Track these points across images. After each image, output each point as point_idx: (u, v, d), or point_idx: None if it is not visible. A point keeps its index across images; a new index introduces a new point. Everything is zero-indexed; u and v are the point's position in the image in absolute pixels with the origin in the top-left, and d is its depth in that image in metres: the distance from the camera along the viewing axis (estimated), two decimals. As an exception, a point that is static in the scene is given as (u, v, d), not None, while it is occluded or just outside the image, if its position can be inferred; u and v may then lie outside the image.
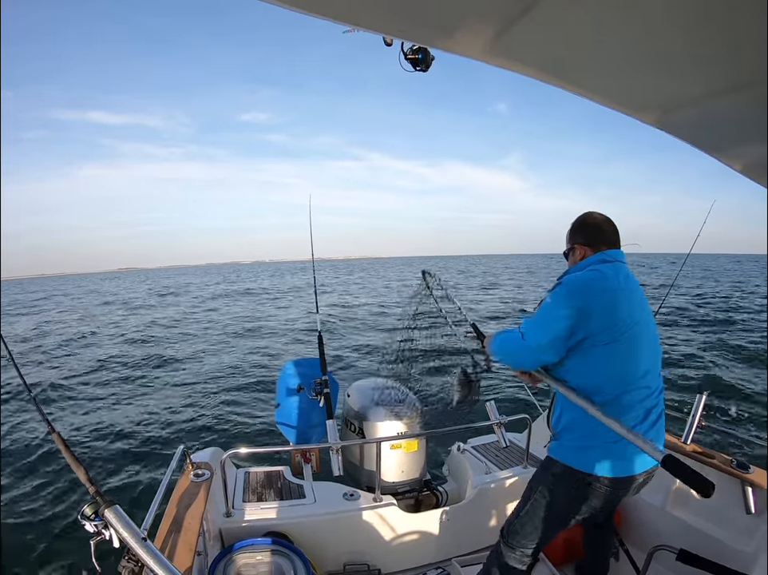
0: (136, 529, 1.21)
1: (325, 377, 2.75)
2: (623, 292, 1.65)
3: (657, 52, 0.70)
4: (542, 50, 0.74)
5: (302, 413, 2.98)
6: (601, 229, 1.82)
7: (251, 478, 2.56)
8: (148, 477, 4.74)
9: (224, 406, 6.98)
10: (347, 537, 2.34)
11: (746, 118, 0.82)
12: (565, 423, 1.75)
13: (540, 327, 1.68)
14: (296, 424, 2.98)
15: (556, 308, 1.64)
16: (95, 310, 23.27)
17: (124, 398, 7.48)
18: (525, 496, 1.90)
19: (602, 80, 0.82)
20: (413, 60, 1.74)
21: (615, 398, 1.62)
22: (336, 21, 0.65)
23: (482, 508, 2.60)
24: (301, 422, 2.98)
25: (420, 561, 2.50)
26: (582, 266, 1.76)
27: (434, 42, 0.74)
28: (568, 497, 1.74)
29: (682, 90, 0.79)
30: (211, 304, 24.28)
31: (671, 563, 1.83)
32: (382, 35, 1.01)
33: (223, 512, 2.21)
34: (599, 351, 1.61)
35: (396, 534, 2.41)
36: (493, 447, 3.03)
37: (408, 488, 2.68)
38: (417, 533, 2.45)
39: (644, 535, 2.42)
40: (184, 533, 1.60)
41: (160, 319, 18.48)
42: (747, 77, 0.70)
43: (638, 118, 0.92)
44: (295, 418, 2.99)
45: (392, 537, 2.40)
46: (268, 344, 12.33)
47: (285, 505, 2.33)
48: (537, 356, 1.70)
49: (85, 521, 1.22)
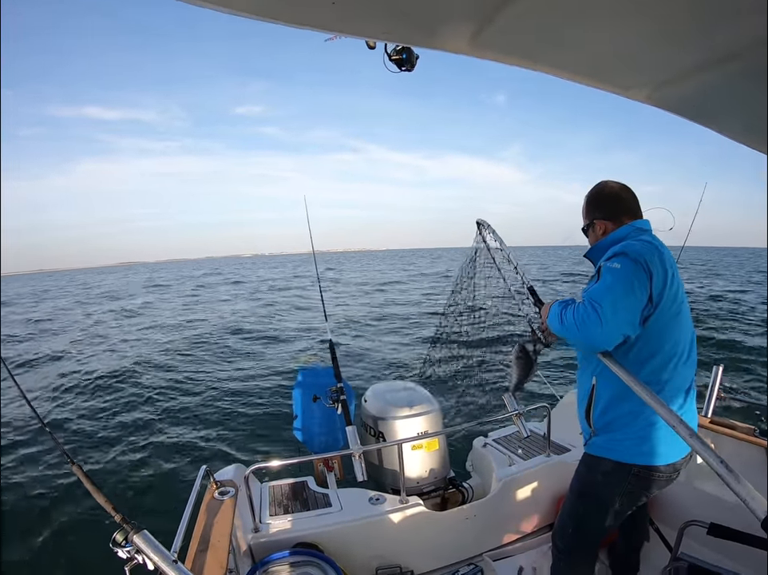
0: (166, 553, 1.21)
1: (340, 384, 2.75)
2: (674, 264, 1.59)
3: (643, 29, 0.70)
4: (526, 39, 0.73)
5: (321, 422, 2.99)
6: (620, 198, 1.72)
7: (276, 491, 2.57)
8: (172, 499, 4.73)
9: (242, 422, 6.98)
10: (377, 542, 2.34)
11: (740, 86, 0.81)
12: (613, 417, 1.66)
13: (619, 297, 1.46)
14: (315, 433, 2.99)
15: (630, 274, 1.47)
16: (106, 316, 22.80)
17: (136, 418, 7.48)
18: (572, 501, 1.84)
19: (589, 62, 0.82)
20: (397, 60, 1.74)
21: (672, 377, 1.58)
22: (316, 29, 0.64)
23: (509, 500, 2.59)
24: (320, 431, 2.99)
25: (451, 558, 2.49)
26: (618, 238, 1.65)
27: (418, 41, 0.74)
28: (623, 492, 1.67)
29: (672, 65, 0.79)
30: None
31: (702, 537, 1.82)
32: (365, 39, 1.01)
33: (251, 527, 2.21)
34: (661, 325, 1.54)
35: (425, 534, 2.40)
36: (515, 438, 3.03)
37: (433, 487, 2.67)
38: (445, 531, 2.45)
39: (674, 512, 2.40)
40: (214, 552, 1.61)
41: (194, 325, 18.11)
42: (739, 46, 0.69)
43: (628, 96, 0.92)
44: (314, 427, 3.00)
45: (421, 538, 2.39)
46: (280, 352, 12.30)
47: (312, 516, 2.33)
48: (618, 328, 1.47)
49: (117, 548, 1.22)
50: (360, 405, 2.89)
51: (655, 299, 1.50)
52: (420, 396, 2.78)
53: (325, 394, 2.76)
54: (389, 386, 2.97)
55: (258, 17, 0.60)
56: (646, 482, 1.64)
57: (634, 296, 1.47)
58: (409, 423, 2.61)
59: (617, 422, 1.65)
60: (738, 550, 1.70)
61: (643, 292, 1.48)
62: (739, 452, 2.19)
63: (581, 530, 1.81)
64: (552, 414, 2.76)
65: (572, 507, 1.84)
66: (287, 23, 0.62)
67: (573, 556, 1.87)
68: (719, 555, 2.06)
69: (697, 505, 2.33)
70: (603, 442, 1.69)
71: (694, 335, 1.69)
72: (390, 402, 2.71)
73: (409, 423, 2.61)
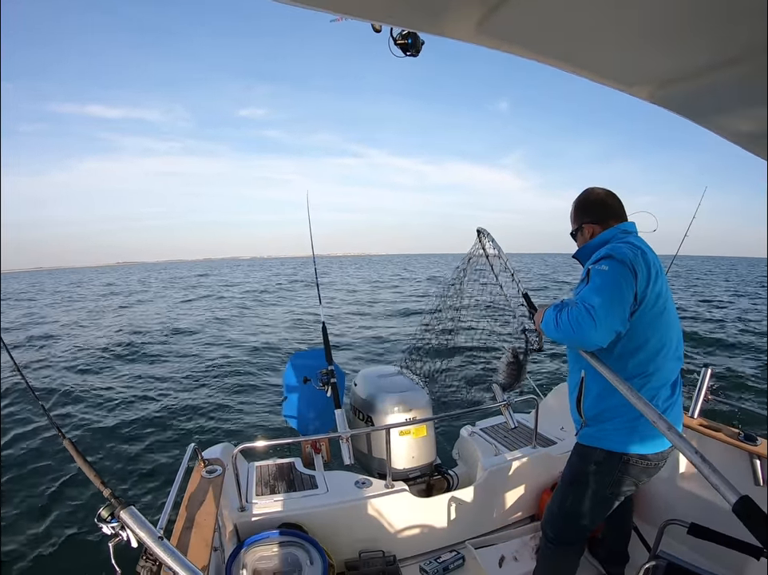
0: (152, 529, 1.22)
1: (331, 367, 2.76)
2: (657, 263, 1.67)
3: (650, 25, 0.69)
4: (532, 28, 0.72)
5: (310, 404, 3.00)
6: (606, 204, 1.81)
7: (263, 472, 2.59)
8: (160, 476, 4.78)
9: (232, 401, 7.02)
10: (361, 525, 2.37)
11: (744, 89, 0.81)
12: (602, 409, 1.72)
13: (610, 296, 1.54)
14: (305, 415, 3.00)
15: (617, 276, 1.56)
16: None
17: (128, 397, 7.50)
18: (564, 490, 1.90)
19: (594, 56, 0.81)
20: (402, 45, 1.72)
21: (658, 369, 1.66)
22: (323, 9, 0.64)
23: (493, 490, 2.62)
24: (309, 413, 3.00)
25: (434, 545, 2.52)
26: (604, 239, 1.74)
27: (423, 26, 0.73)
28: (614, 480, 1.74)
29: (677, 64, 0.78)
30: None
31: (682, 536, 1.85)
32: (370, 22, 0.99)
33: (237, 507, 2.23)
34: (647, 320, 1.61)
35: (409, 520, 2.44)
36: (502, 428, 3.05)
37: (419, 473, 2.70)
38: (430, 518, 2.48)
39: (655, 510, 2.44)
40: (200, 530, 1.62)
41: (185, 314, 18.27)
42: (746, 48, 0.69)
43: (631, 93, 0.91)
44: (303, 409, 3.01)
45: (405, 523, 2.43)
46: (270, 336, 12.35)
47: (298, 497, 2.36)
48: (611, 327, 1.53)
49: (102, 524, 1.23)
50: (350, 389, 2.90)
51: (639, 296, 1.59)
52: (409, 383, 2.79)
53: (315, 376, 2.76)
54: (379, 371, 2.97)
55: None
56: (635, 470, 1.71)
57: (622, 296, 1.55)
58: (398, 409, 2.62)
59: (607, 413, 1.71)
60: (716, 551, 1.73)
61: (630, 291, 1.56)
62: (724, 455, 2.21)
63: (572, 518, 1.85)
64: (540, 407, 2.78)
65: (563, 495, 1.89)
66: (293, 2, 0.61)
67: (562, 544, 1.92)
68: (697, 555, 2.10)
69: (679, 505, 2.36)
70: (594, 431, 1.76)
71: (680, 331, 1.76)
72: (380, 387, 2.72)
73: (397, 409, 2.62)
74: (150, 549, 1.20)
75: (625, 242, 1.67)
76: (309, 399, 2.99)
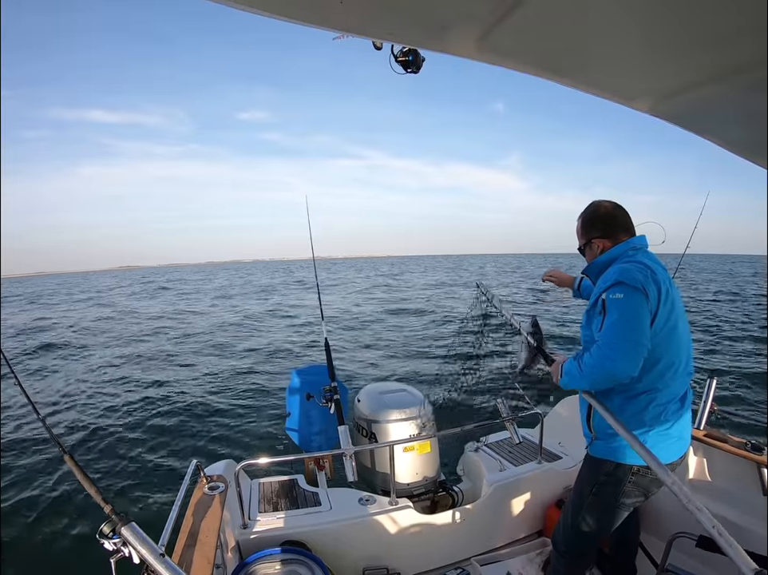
0: (153, 545, 1.21)
1: (334, 383, 2.75)
2: (668, 279, 1.68)
3: (651, 40, 0.70)
4: (533, 45, 0.74)
5: (313, 420, 2.98)
6: (615, 218, 1.80)
7: (266, 489, 2.56)
8: (162, 493, 4.73)
9: (234, 418, 6.96)
10: (365, 542, 2.34)
11: (745, 102, 0.82)
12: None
13: (633, 325, 1.55)
14: (308, 432, 2.99)
15: (633, 304, 1.56)
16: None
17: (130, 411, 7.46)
18: (575, 502, 1.90)
19: (594, 71, 0.82)
20: (403, 62, 1.74)
21: (667, 386, 1.66)
22: (324, 27, 0.65)
23: (499, 505, 2.59)
24: (312, 430, 2.98)
25: (439, 562, 2.49)
26: (614, 256, 1.74)
27: (424, 44, 0.74)
28: (624, 491, 1.75)
29: (678, 77, 0.79)
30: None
31: (691, 550, 1.82)
32: (371, 39, 1.01)
33: (239, 524, 2.20)
34: (658, 340, 1.61)
35: (414, 536, 2.40)
36: (506, 444, 3.03)
37: (423, 489, 2.67)
38: (434, 534, 2.45)
39: (663, 523, 2.41)
40: (202, 547, 1.60)
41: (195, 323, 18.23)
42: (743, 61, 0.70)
43: (632, 107, 0.92)
44: (307, 425, 3.00)
45: (410, 540, 2.39)
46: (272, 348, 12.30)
47: (301, 514, 2.33)
48: (639, 355, 1.54)
49: (104, 540, 1.22)
50: (353, 405, 2.89)
51: (651, 316, 1.59)
52: (413, 398, 2.77)
53: (319, 392, 2.75)
54: (382, 387, 2.96)
55: (268, 14, 0.60)
56: (645, 481, 1.72)
57: (641, 322, 1.56)
58: (402, 425, 2.60)
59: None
60: (725, 564, 1.70)
61: (647, 315, 1.58)
62: (730, 466, 2.19)
63: (583, 529, 1.85)
64: (544, 422, 2.76)
65: (575, 507, 1.89)
66: (296, 21, 0.62)
67: (573, 557, 1.92)
68: (707, 568, 2.06)
69: (686, 517, 2.32)
70: (604, 445, 1.78)
71: (690, 345, 1.76)
72: (384, 403, 2.71)
73: (401, 425, 2.60)
74: (152, 566, 1.18)
75: (634, 261, 1.66)
76: (312, 415, 2.98)
